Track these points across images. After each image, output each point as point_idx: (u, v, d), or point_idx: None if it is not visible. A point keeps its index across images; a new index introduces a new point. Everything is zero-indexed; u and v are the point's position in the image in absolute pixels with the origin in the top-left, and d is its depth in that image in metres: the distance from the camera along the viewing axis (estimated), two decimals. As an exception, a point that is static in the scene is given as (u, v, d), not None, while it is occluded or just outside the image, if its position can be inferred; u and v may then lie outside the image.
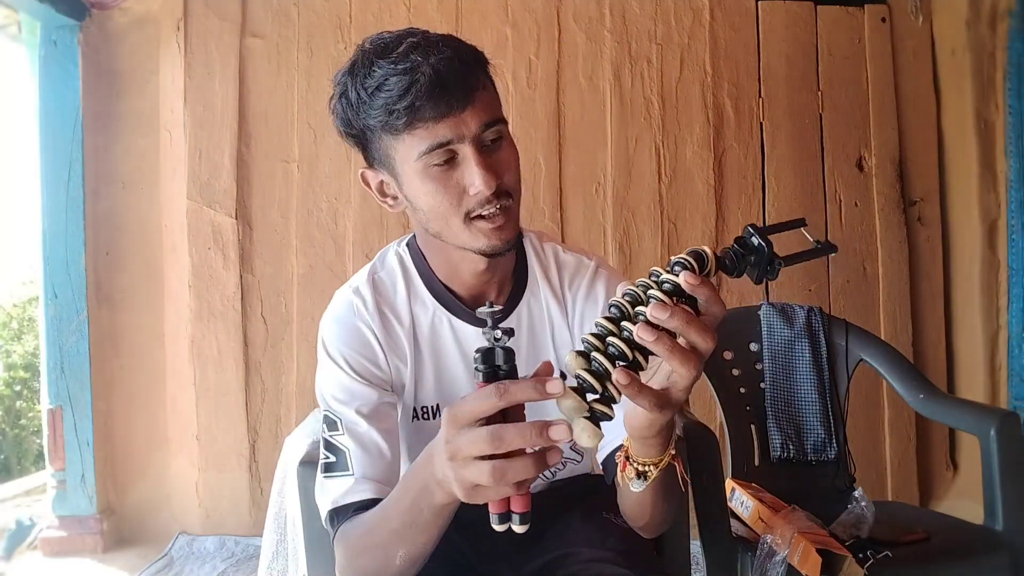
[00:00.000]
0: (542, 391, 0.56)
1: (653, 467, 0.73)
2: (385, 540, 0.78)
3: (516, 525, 0.64)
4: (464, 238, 0.88)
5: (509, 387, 0.57)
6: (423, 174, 0.84)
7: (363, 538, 0.83)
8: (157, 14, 2.57)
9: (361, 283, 0.99)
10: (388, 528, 0.78)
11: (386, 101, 0.80)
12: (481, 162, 0.83)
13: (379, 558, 0.79)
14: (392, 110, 0.80)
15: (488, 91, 0.86)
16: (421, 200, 0.87)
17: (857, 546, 1.28)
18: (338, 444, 0.90)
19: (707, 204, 2.54)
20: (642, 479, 0.74)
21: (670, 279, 0.61)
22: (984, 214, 2.54)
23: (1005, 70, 2.50)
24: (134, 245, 2.61)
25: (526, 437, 0.56)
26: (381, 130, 0.84)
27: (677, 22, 2.58)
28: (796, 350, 1.73)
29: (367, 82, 0.82)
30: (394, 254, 1.03)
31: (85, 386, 2.51)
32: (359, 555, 0.83)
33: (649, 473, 0.73)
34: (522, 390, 0.57)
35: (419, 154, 0.83)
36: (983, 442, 1.43)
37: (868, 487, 1.59)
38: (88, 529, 2.46)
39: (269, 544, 1.42)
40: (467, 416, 0.59)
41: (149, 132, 2.59)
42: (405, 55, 0.80)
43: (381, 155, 0.88)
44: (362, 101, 0.83)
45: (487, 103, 0.85)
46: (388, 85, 0.80)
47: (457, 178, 0.84)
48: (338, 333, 0.96)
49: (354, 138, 0.89)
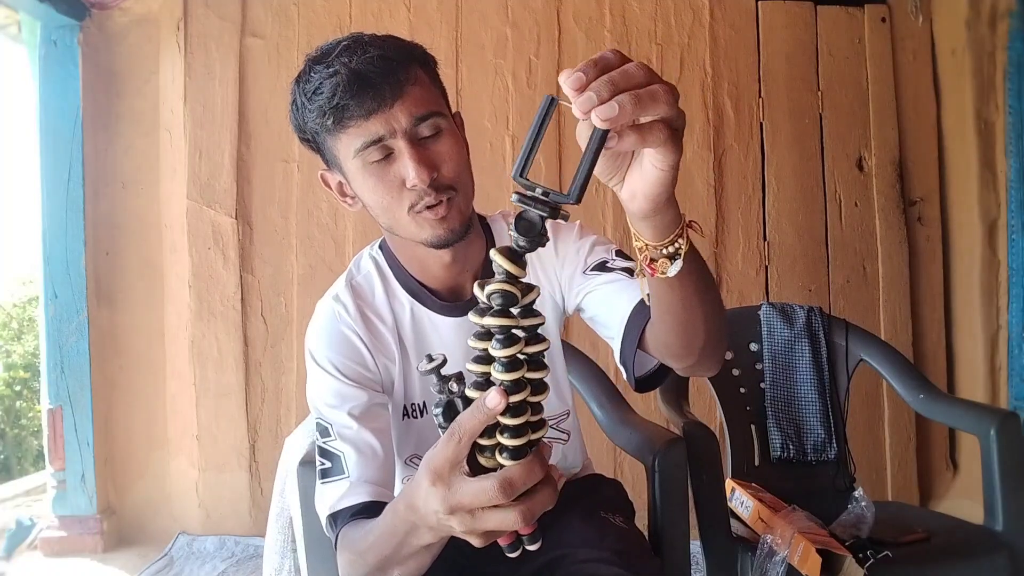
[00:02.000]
0: (486, 411, 0.55)
1: (680, 239, 0.65)
2: (379, 559, 0.78)
3: (530, 545, 0.64)
4: (412, 230, 0.90)
5: (461, 423, 0.57)
6: (363, 171, 0.87)
7: (361, 555, 0.82)
8: (157, 14, 2.58)
9: (340, 290, 1.01)
10: (381, 550, 0.77)
11: (319, 104, 0.84)
12: (414, 155, 0.85)
13: (376, 571, 0.79)
14: (324, 111, 0.84)
15: (422, 86, 0.88)
16: (366, 196, 0.91)
17: (857, 546, 1.28)
18: (332, 449, 0.91)
19: (707, 204, 2.55)
20: (676, 258, 0.66)
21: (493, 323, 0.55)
22: (984, 214, 2.53)
23: (1005, 70, 2.50)
24: (134, 245, 2.61)
25: (534, 473, 0.56)
26: (322, 132, 0.88)
27: (677, 22, 2.58)
28: (796, 350, 1.73)
29: (306, 88, 0.86)
30: (368, 257, 1.05)
31: (85, 386, 2.51)
32: (357, 566, 0.83)
33: (679, 246, 0.65)
34: (471, 418, 0.56)
35: (355, 152, 0.86)
36: (983, 442, 1.43)
37: (868, 487, 1.60)
38: (88, 529, 2.46)
39: (273, 545, 1.42)
40: (448, 467, 0.59)
41: (149, 132, 2.60)
42: (336, 59, 0.84)
43: (330, 156, 0.92)
44: (304, 106, 0.87)
45: (419, 98, 0.86)
46: (320, 88, 0.84)
47: (395, 172, 0.87)
48: (325, 342, 0.97)
49: (308, 142, 0.93)
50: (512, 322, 0.55)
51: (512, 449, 0.57)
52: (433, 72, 0.93)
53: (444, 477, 0.59)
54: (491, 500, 0.56)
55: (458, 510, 0.59)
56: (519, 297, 0.54)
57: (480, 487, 0.57)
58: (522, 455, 0.57)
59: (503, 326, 0.55)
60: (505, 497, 0.56)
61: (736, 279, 2.57)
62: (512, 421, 0.56)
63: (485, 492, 0.56)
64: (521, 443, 0.57)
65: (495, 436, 0.58)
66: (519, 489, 0.56)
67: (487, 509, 0.58)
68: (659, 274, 0.67)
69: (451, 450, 0.58)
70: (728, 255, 2.57)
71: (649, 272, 0.67)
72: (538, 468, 0.56)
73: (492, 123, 2.52)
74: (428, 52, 0.94)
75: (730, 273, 2.57)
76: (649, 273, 0.68)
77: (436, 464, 0.59)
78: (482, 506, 0.58)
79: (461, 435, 0.57)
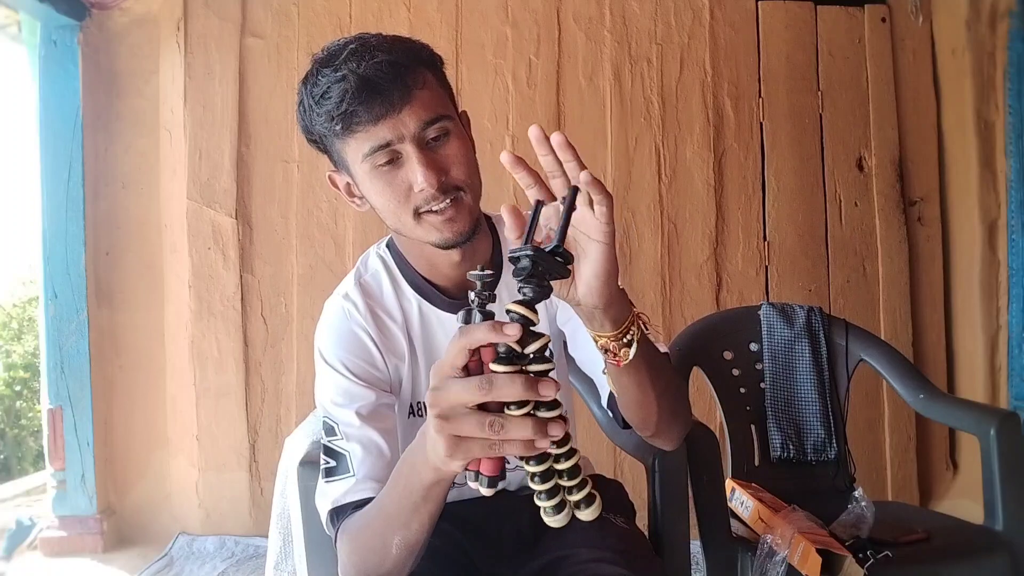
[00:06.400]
0: (499, 331, 0.57)
1: (632, 326, 0.75)
2: (381, 528, 0.79)
3: (484, 488, 0.62)
4: (419, 233, 0.91)
5: (469, 329, 0.58)
6: (371, 175, 0.88)
7: (361, 531, 0.84)
8: (157, 14, 2.58)
9: (349, 288, 1.01)
10: (383, 515, 0.79)
11: (328, 108, 0.85)
12: (423, 160, 0.85)
13: (376, 548, 0.80)
14: (332, 116, 0.85)
15: (430, 89, 0.88)
16: (374, 199, 0.91)
17: (857, 546, 1.28)
18: (338, 448, 0.91)
19: (707, 204, 2.55)
20: (631, 344, 0.75)
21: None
22: (984, 214, 2.54)
23: (1005, 70, 2.50)
24: (134, 245, 2.61)
25: (516, 385, 0.57)
26: (331, 135, 0.88)
27: (677, 22, 2.58)
28: (796, 350, 1.73)
29: (314, 91, 0.87)
30: (376, 256, 1.05)
31: (85, 386, 2.51)
32: (358, 548, 0.84)
33: (633, 334, 0.75)
34: (480, 330, 0.58)
35: (363, 156, 0.87)
36: (983, 442, 1.43)
37: (868, 487, 1.59)
38: (88, 529, 2.46)
39: (275, 545, 1.42)
40: (445, 367, 0.60)
41: (149, 132, 2.60)
42: (344, 62, 0.84)
43: (338, 158, 0.92)
44: (312, 109, 0.88)
45: (427, 101, 0.87)
46: (329, 93, 0.84)
47: (403, 176, 0.87)
48: (334, 340, 0.96)
49: (315, 144, 0.94)
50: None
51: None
52: (440, 73, 0.93)
53: (441, 375, 0.60)
54: (470, 396, 0.58)
55: (441, 404, 0.59)
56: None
57: (463, 383, 0.58)
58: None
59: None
60: (481, 394, 0.57)
61: (736, 279, 2.57)
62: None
63: (468, 386, 0.58)
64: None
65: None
66: (496, 392, 0.57)
67: (464, 415, 0.59)
68: (623, 362, 0.76)
69: (452, 350, 0.59)
70: (728, 255, 2.57)
71: (615, 363, 0.76)
72: (521, 384, 0.57)
73: (492, 123, 2.52)
74: (435, 53, 0.93)
75: (730, 273, 2.57)
76: (615, 364, 0.76)
77: (439, 364, 0.61)
78: (462, 404, 0.58)
79: (464, 337, 0.58)
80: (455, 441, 0.60)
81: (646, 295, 2.52)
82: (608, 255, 0.69)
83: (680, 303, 2.54)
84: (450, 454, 0.60)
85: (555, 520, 0.64)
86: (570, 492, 0.64)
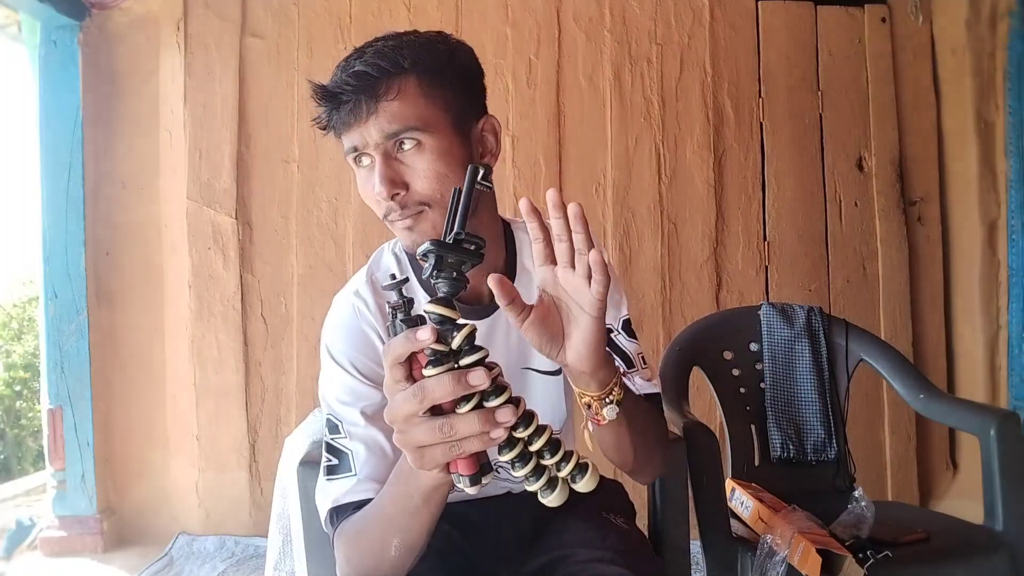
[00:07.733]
0: (413, 340, 0.58)
1: (616, 387, 0.78)
2: (380, 530, 0.79)
3: (467, 487, 0.63)
4: (395, 233, 0.93)
5: (391, 344, 0.60)
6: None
7: (360, 532, 0.83)
8: (157, 14, 2.58)
9: (360, 285, 0.99)
10: (383, 517, 0.79)
11: (321, 109, 0.90)
12: (380, 172, 0.86)
13: (376, 549, 0.80)
14: (320, 118, 0.90)
15: (404, 99, 0.85)
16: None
17: (857, 546, 1.28)
18: (340, 447, 0.90)
19: (707, 204, 2.54)
20: (612, 403, 0.79)
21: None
22: (984, 214, 2.54)
23: (1005, 70, 2.50)
24: (134, 245, 2.61)
25: (445, 385, 0.58)
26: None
27: (677, 22, 2.58)
28: (796, 350, 1.73)
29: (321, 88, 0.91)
30: (390, 253, 1.04)
31: (85, 386, 2.51)
32: (357, 549, 0.83)
33: (615, 395, 0.78)
34: (398, 342, 0.59)
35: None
36: (983, 442, 1.43)
37: (868, 487, 1.59)
38: (88, 529, 2.46)
39: (275, 544, 1.43)
40: (388, 383, 0.61)
41: (149, 132, 2.60)
42: (341, 67, 0.88)
43: None
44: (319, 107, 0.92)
45: (394, 113, 0.85)
46: (324, 92, 0.88)
47: (373, 181, 0.89)
48: (343, 338, 0.95)
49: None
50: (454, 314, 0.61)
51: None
52: (440, 80, 0.88)
53: (387, 392, 0.62)
54: (410, 407, 0.59)
55: (396, 421, 0.61)
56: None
57: (403, 395, 0.60)
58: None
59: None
60: (417, 402, 0.59)
61: (736, 279, 2.57)
62: None
63: (405, 398, 0.60)
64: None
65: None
66: (430, 396, 0.58)
67: (416, 425, 0.60)
68: (604, 421, 0.79)
69: (386, 368, 0.61)
70: (728, 255, 2.57)
71: (595, 422, 0.81)
72: (450, 382, 0.58)
73: (492, 123, 2.51)
74: (441, 56, 0.90)
75: (730, 273, 2.57)
76: (596, 423, 0.81)
77: (383, 382, 0.62)
78: (410, 415, 0.60)
79: (393, 357, 0.60)
80: (418, 451, 0.61)
81: (646, 295, 2.52)
82: (598, 327, 0.72)
83: (680, 303, 2.54)
84: (418, 464, 0.62)
85: (552, 499, 0.63)
86: (558, 468, 0.63)
